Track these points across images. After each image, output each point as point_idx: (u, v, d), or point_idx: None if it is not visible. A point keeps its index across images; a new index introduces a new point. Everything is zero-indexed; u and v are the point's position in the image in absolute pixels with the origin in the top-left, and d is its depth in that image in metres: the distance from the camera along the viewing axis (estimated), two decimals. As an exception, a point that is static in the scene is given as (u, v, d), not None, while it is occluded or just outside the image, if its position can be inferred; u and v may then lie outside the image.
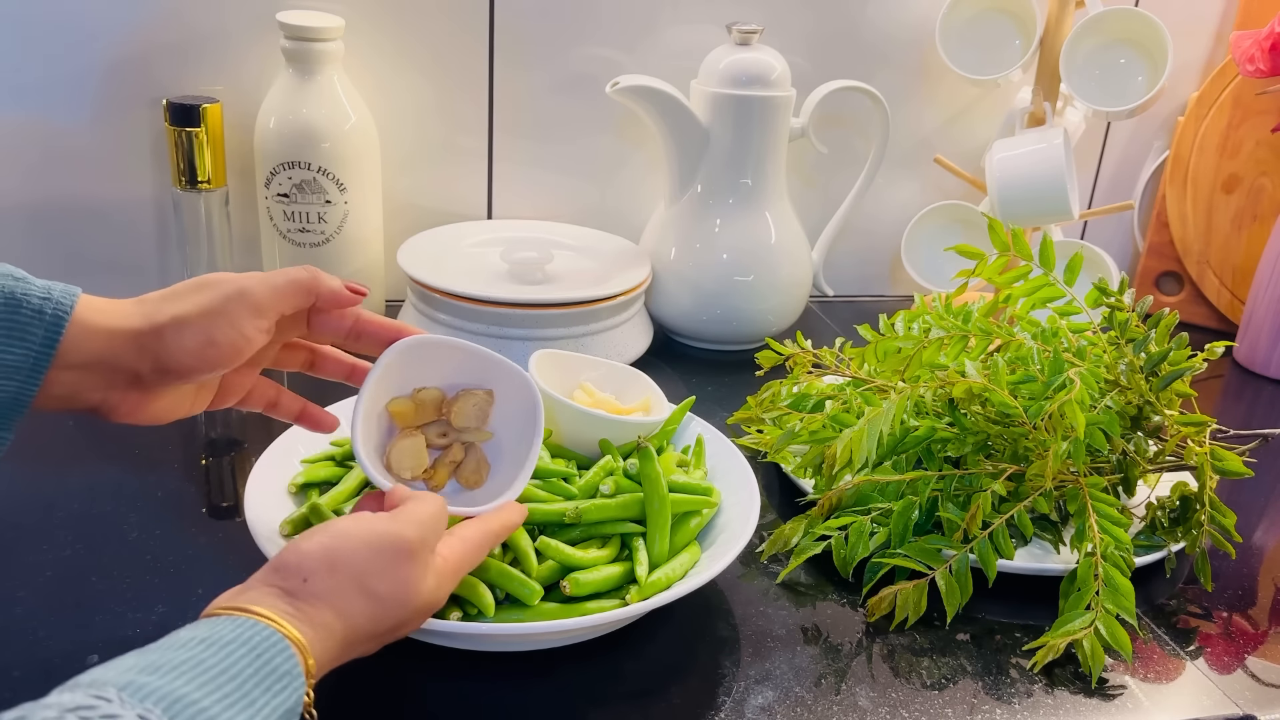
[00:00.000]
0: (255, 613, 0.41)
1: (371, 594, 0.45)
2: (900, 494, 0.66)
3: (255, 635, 0.40)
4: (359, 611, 0.44)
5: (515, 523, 0.55)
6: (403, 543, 0.46)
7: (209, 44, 0.97)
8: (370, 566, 0.45)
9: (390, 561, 0.45)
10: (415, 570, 0.46)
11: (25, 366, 0.46)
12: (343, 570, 0.44)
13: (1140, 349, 0.69)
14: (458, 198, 1.09)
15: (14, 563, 0.61)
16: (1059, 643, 0.58)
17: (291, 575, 0.43)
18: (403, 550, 0.46)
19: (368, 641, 0.46)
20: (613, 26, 1.06)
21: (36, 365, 0.46)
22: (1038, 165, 1.00)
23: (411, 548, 0.46)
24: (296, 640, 0.41)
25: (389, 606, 0.45)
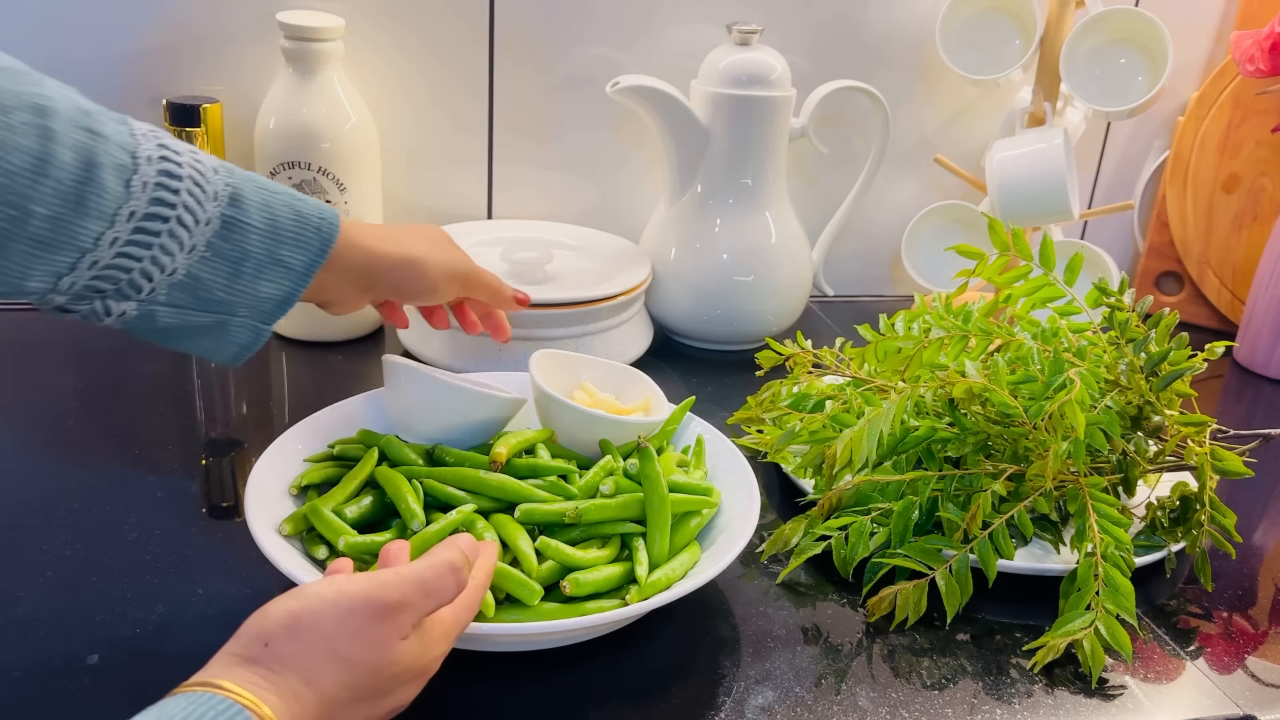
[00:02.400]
0: (213, 685, 0.38)
1: (340, 657, 0.41)
2: (900, 494, 0.66)
3: (209, 710, 0.37)
4: (330, 677, 0.41)
5: (493, 565, 0.52)
6: (373, 603, 0.42)
7: (209, 44, 0.97)
8: (337, 627, 0.41)
9: (362, 622, 0.42)
10: (389, 630, 0.42)
11: (301, 269, 0.55)
12: (308, 633, 0.41)
13: (1140, 349, 0.69)
14: (458, 198, 1.09)
15: (14, 563, 0.61)
16: (1059, 643, 0.58)
17: (252, 642, 0.40)
18: (374, 610, 0.42)
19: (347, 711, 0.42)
20: (612, 26, 1.06)
21: (309, 268, 0.56)
22: (1038, 165, 1.00)
23: (386, 607, 0.42)
24: (258, 710, 0.38)
25: (364, 671, 0.41)
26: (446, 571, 0.45)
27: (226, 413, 0.86)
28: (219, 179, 0.52)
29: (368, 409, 0.70)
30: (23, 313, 0.98)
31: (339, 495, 0.61)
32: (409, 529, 0.58)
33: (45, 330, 0.96)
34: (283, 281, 0.55)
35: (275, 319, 0.56)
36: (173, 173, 0.50)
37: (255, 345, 0.57)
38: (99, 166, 0.48)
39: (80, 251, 0.48)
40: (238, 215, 0.52)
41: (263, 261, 0.54)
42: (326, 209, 0.56)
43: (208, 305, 0.53)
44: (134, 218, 0.49)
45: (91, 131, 0.48)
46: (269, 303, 0.55)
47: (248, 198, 0.53)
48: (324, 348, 0.96)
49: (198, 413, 0.84)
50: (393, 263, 0.60)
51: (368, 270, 0.59)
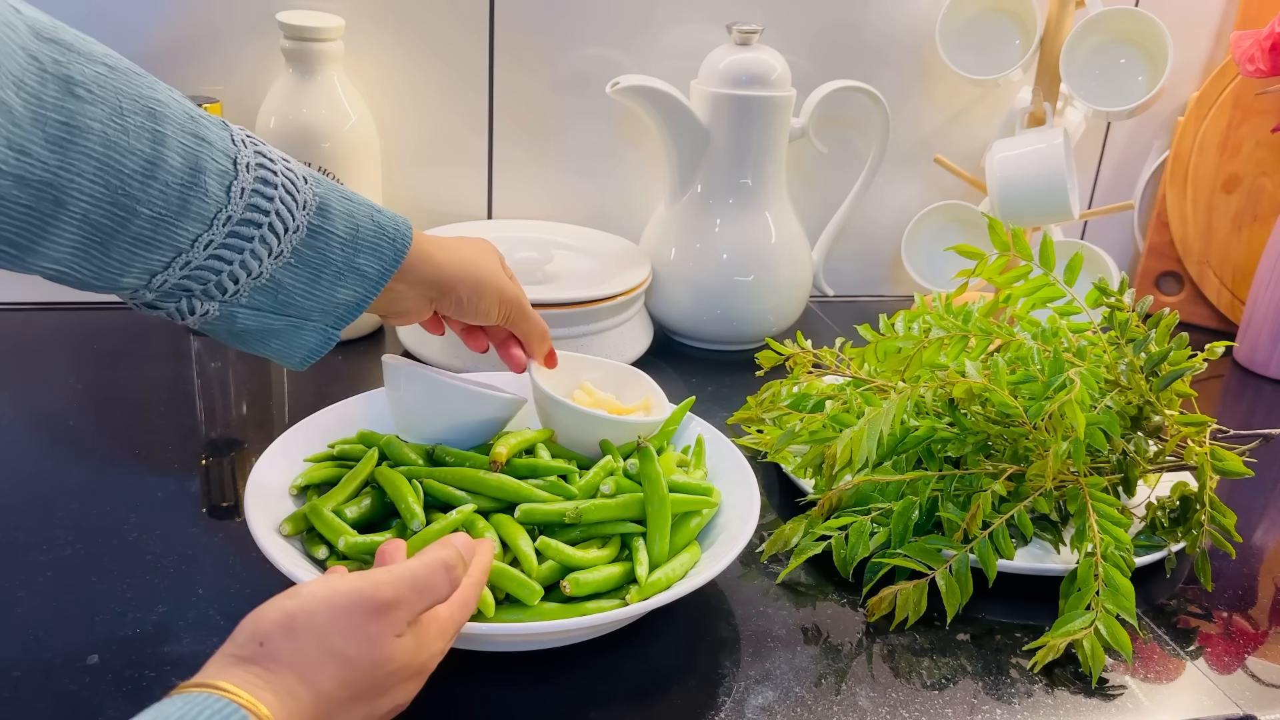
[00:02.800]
0: (210, 685, 0.38)
1: (336, 654, 0.41)
2: (900, 494, 0.66)
3: (204, 710, 0.37)
4: (326, 675, 0.41)
5: (489, 562, 0.52)
6: (367, 600, 0.42)
7: (209, 44, 0.97)
8: (333, 625, 0.41)
9: (357, 619, 0.42)
10: (384, 627, 0.43)
11: (375, 276, 0.56)
12: (303, 631, 0.41)
13: (1140, 349, 0.68)
14: (458, 198, 1.09)
15: (14, 563, 0.61)
16: (1059, 643, 0.58)
17: (247, 641, 0.40)
18: (368, 607, 0.42)
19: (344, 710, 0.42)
20: (612, 26, 1.06)
21: (383, 276, 0.57)
22: (1038, 165, 1.00)
23: (379, 604, 0.43)
24: (255, 709, 0.38)
25: (359, 668, 0.42)
26: (439, 569, 0.46)
27: (226, 413, 0.86)
28: (308, 188, 0.54)
29: (368, 409, 0.70)
30: (23, 313, 0.98)
31: (339, 495, 0.61)
32: (409, 529, 0.58)
33: (45, 330, 0.96)
34: (357, 288, 0.56)
35: (346, 324, 0.57)
36: (268, 180, 0.52)
37: (324, 349, 0.58)
38: (204, 172, 0.49)
39: (177, 251, 0.49)
40: (324, 224, 0.54)
41: (341, 269, 0.55)
42: (401, 220, 0.58)
43: (286, 309, 0.55)
44: (230, 222, 0.50)
45: (199, 137, 0.49)
46: (343, 309, 0.57)
47: (334, 207, 0.54)
48: (324, 348, 0.96)
49: (198, 413, 0.84)
50: (459, 280, 0.62)
51: (437, 283, 0.61)
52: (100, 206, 0.46)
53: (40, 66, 0.44)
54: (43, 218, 0.45)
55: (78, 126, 0.45)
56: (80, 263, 0.48)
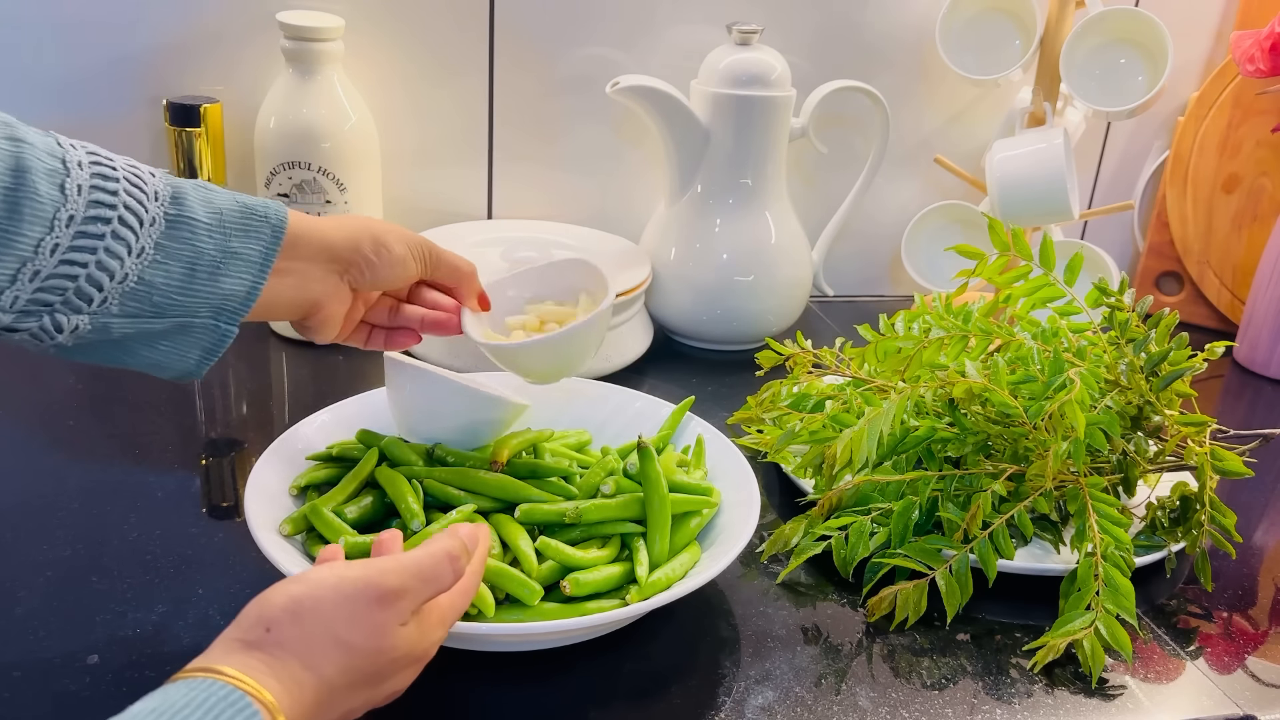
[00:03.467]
0: (215, 671, 0.38)
1: (341, 642, 0.42)
2: (900, 494, 0.66)
3: (210, 696, 0.37)
4: (330, 662, 0.41)
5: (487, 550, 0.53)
6: (374, 588, 0.43)
7: (209, 44, 0.97)
8: (338, 613, 0.42)
9: (362, 607, 0.42)
10: (389, 616, 0.43)
11: (259, 258, 0.53)
12: (309, 618, 0.41)
13: (1140, 349, 0.68)
14: (458, 198, 1.09)
15: (14, 563, 0.61)
16: (1059, 643, 0.58)
17: (253, 627, 0.41)
18: (374, 596, 0.43)
19: (347, 697, 0.42)
20: (612, 26, 1.06)
21: (267, 256, 0.53)
22: (1038, 165, 1.00)
23: (385, 593, 0.43)
24: (260, 696, 0.38)
25: (363, 656, 0.42)
26: (444, 559, 0.46)
27: (226, 413, 0.86)
28: (157, 180, 0.51)
29: (368, 409, 0.70)
30: (23, 313, 0.98)
31: (339, 495, 0.61)
32: (409, 529, 0.58)
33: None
34: (244, 275, 0.53)
35: (240, 315, 0.54)
36: (107, 175, 0.49)
37: (219, 349, 0.54)
38: (29, 171, 0.46)
39: (20, 260, 0.46)
40: (182, 212, 0.51)
41: (217, 258, 0.52)
42: (272, 201, 0.55)
43: (165, 310, 0.51)
44: (74, 222, 0.47)
45: (14, 139, 0.47)
46: (233, 299, 0.53)
47: (189, 195, 0.52)
48: (324, 348, 0.96)
49: (198, 413, 0.84)
50: (355, 239, 0.58)
51: (331, 250, 0.57)
52: None
53: None
54: None
55: None
56: None
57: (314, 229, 0.56)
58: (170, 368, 0.54)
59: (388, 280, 0.60)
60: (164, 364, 0.54)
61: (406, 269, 0.61)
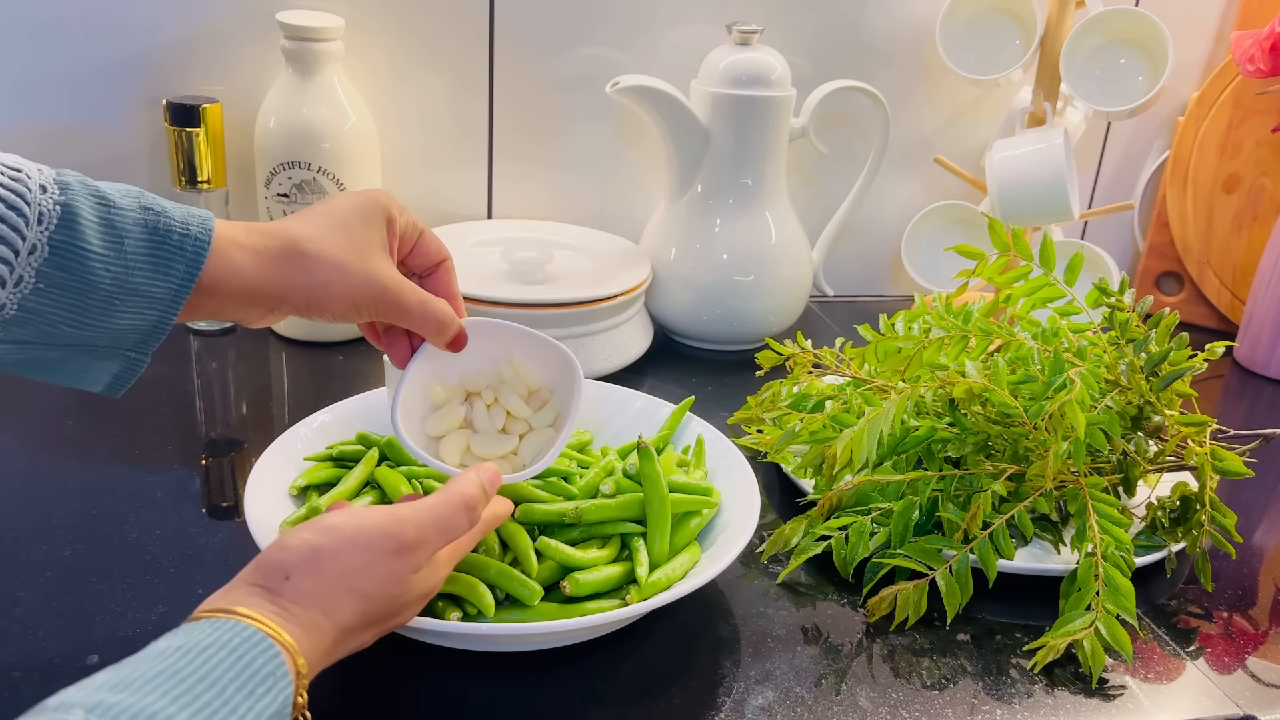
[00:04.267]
0: (237, 613, 0.39)
1: (358, 592, 0.43)
2: (900, 494, 0.66)
3: (234, 637, 0.38)
4: (346, 609, 0.43)
5: (504, 514, 0.54)
6: (391, 539, 0.44)
7: (209, 44, 0.97)
8: (356, 563, 0.43)
9: (380, 558, 0.44)
10: (404, 565, 0.45)
11: (166, 298, 0.47)
12: (328, 567, 0.42)
13: (1140, 349, 0.68)
14: (458, 198, 1.09)
15: (14, 563, 0.61)
16: (1059, 643, 0.58)
17: (274, 573, 0.42)
18: (392, 547, 0.44)
19: (359, 635, 0.45)
20: (613, 26, 1.06)
21: (176, 296, 0.47)
22: (1038, 165, 1.00)
23: (403, 544, 0.44)
24: (282, 640, 0.39)
25: (378, 602, 0.44)
26: (461, 509, 0.47)
27: (226, 413, 0.86)
28: (46, 198, 0.44)
29: (368, 409, 0.70)
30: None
31: (339, 495, 0.61)
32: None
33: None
34: (145, 311, 0.47)
35: (148, 349, 0.49)
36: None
37: (132, 376, 0.50)
38: None
39: None
40: (70, 239, 0.44)
41: (112, 291, 0.46)
42: (196, 221, 0.48)
43: (55, 339, 0.46)
44: None
45: None
46: (133, 335, 0.48)
47: (84, 218, 0.45)
48: (324, 348, 0.96)
49: (198, 413, 0.84)
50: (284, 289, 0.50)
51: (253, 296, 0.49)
52: None
53: None
54: None
55: None
56: None
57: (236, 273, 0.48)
58: (82, 386, 0.49)
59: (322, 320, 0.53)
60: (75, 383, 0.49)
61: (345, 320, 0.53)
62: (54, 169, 0.46)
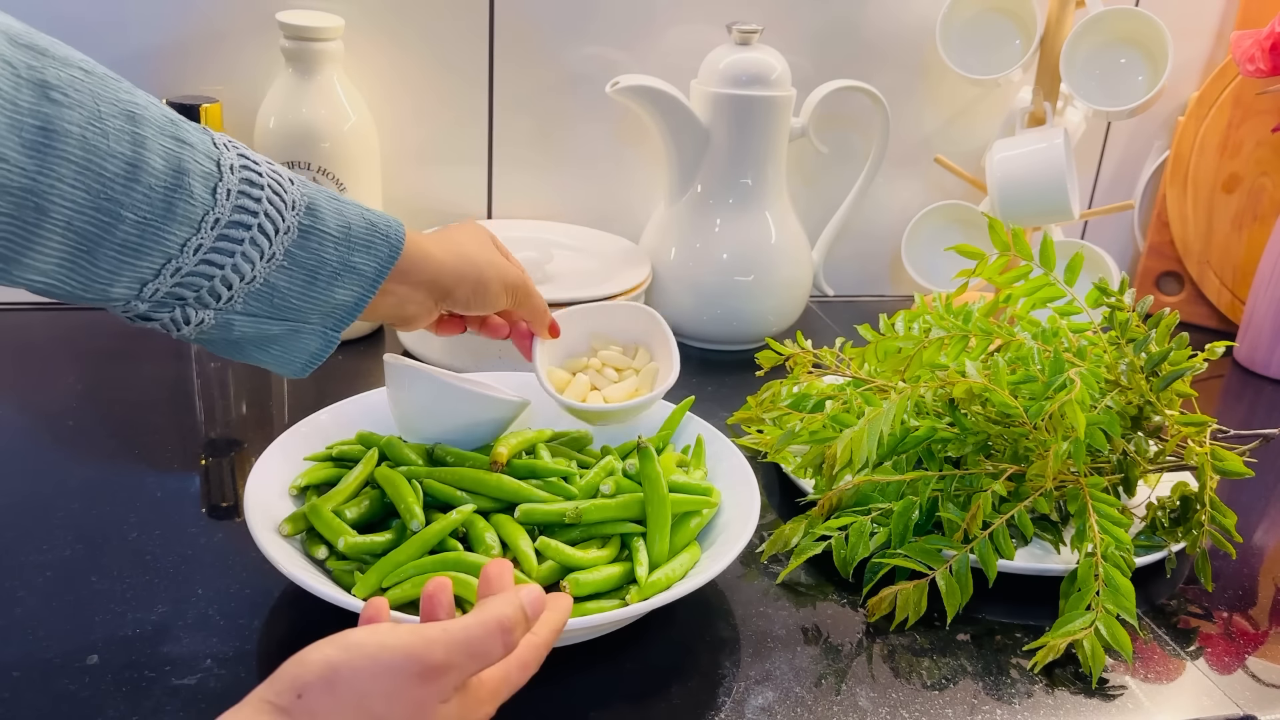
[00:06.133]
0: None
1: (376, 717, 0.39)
2: (900, 494, 0.66)
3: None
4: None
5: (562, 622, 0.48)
6: (416, 662, 0.40)
7: (209, 44, 0.97)
8: (375, 686, 0.39)
9: (402, 682, 0.39)
10: (429, 693, 0.40)
11: (371, 274, 0.55)
12: (344, 687, 0.38)
13: (1140, 349, 0.68)
14: (458, 198, 1.09)
15: (14, 563, 0.61)
16: (1059, 643, 0.58)
17: (286, 690, 0.38)
18: (415, 670, 0.39)
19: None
20: (613, 26, 1.06)
21: (380, 273, 0.56)
22: (1038, 165, 1.00)
23: (428, 667, 0.40)
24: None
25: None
26: (495, 631, 0.42)
27: (226, 413, 0.86)
28: (296, 189, 0.53)
29: (367, 409, 0.70)
30: (23, 312, 0.98)
31: (339, 495, 0.61)
32: (409, 529, 0.58)
33: (45, 330, 0.96)
34: (355, 288, 0.55)
35: (345, 325, 0.57)
36: (254, 181, 0.51)
37: (325, 353, 0.57)
38: (188, 174, 0.48)
39: (166, 257, 0.49)
40: (315, 224, 0.53)
41: (337, 269, 0.54)
42: (393, 219, 0.57)
43: (283, 313, 0.54)
44: (218, 225, 0.50)
45: (179, 140, 0.49)
46: (341, 309, 0.56)
47: (323, 207, 0.54)
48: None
49: (198, 413, 0.84)
50: (460, 275, 0.61)
51: (436, 283, 0.59)
52: (84, 213, 0.46)
53: (15, 71, 0.43)
54: (26, 227, 0.44)
55: (55, 130, 0.44)
56: (69, 274, 0.47)
57: (426, 258, 0.58)
58: (278, 369, 0.57)
59: (478, 311, 0.64)
60: (273, 365, 0.56)
61: (498, 306, 0.64)
62: None
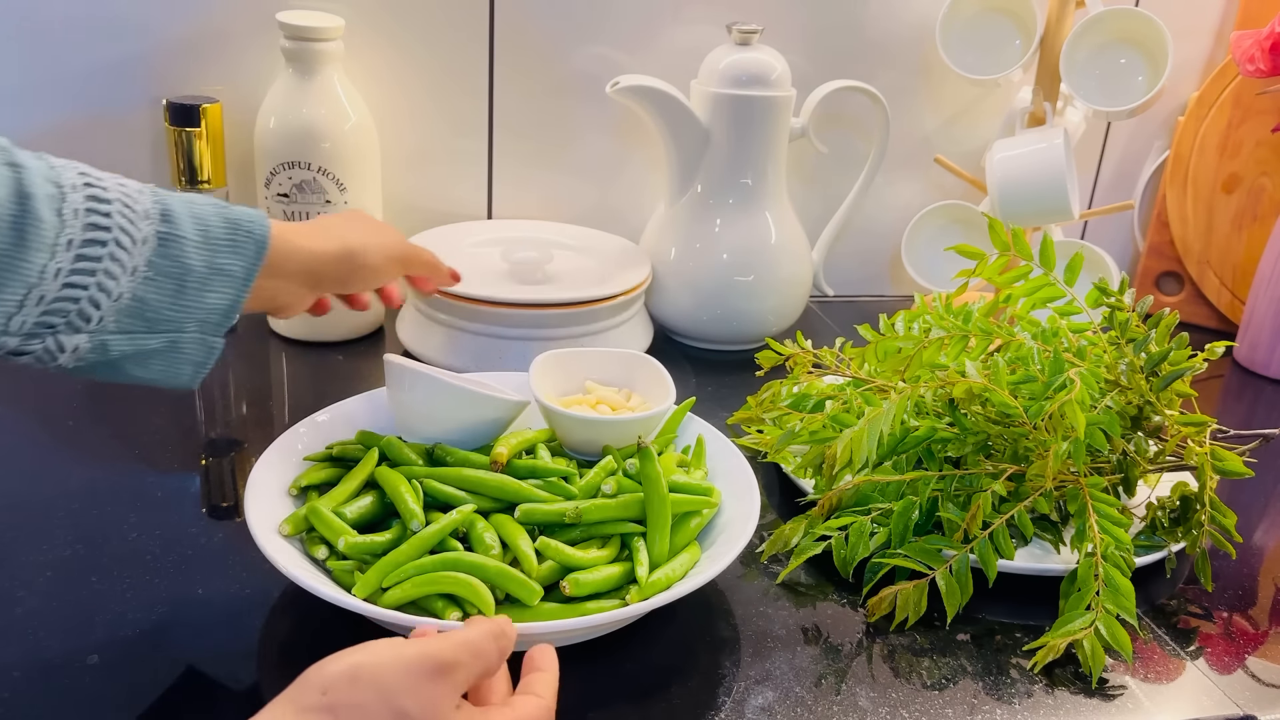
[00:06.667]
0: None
1: (398, 710, 0.40)
2: (900, 494, 0.66)
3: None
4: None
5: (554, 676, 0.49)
6: (431, 659, 0.42)
7: (209, 44, 0.97)
8: (397, 681, 0.41)
9: (421, 678, 0.41)
10: (445, 689, 0.42)
11: (241, 275, 0.55)
12: (366, 682, 0.40)
13: (1140, 349, 0.69)
14: (458, 198, 1.09)
15: (14, 563, 0.61)
16: (1059, 643, 0.58)
17: (310, 690, 0.40)
18: (431, 667, 0.42)
19: None
20: (613, 26, 1.06)
21: (249, 273, 0.55)
22: (1038, 165, 1.00)
23: (442, 664, 0.42)
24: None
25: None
26: (489, 636, 0.45)
27: (226, 413, 0.86)
28: (146, 198, 0.52)
29: (367, 409, 0.70)
30: (23, 313, 0.98)
31: (339, 495, 0.61)
32: (409, 529, 0.58)
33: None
34: (226, 290, 0.55)
35: (224, 329, 0.56)
36: (101, 197, 0.50)
37: (209, 362, 0.57)
38: (30, 197, 0.47)
39: (27, 287, 0.48)
40: (172, 230, 0.53)
41: (204, 273, 0.54)
42: (255, 213, 0.56)
43: (157, 325, 0.53)
44: (73, 245, 0.49)
45: (13, 164, 0.48)
46: (216, 313, 0.55)
47: (177, 212, 0.53)
48: (324, 348, 0.96)
49: (198, 413, 0.84)
50: (333, 258, 0.61)
51: (310, 270, 0.60)
52: None
53: None
54: None
55: None
56: None
57: (296, 249, 0.58)
58: (166, 383, 0.56)
59: (360, 288, 0.64)
60: (159, 380, 0.56)
61: (381, 278, 0.64)
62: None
